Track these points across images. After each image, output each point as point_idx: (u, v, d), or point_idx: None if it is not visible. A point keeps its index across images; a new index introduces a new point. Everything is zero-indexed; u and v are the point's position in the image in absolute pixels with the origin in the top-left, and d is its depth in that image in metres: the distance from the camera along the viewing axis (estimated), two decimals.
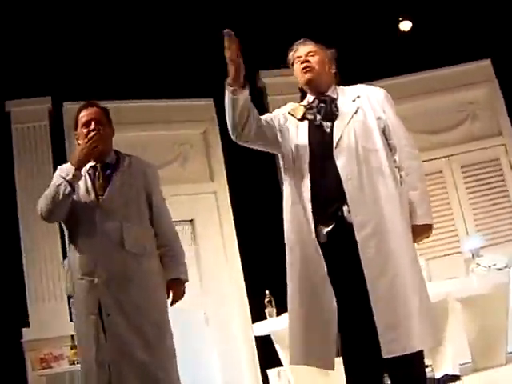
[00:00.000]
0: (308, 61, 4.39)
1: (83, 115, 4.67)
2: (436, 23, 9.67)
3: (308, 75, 4.39)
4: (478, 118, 10.23)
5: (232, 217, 9.28)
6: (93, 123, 4.61)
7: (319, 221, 4.02)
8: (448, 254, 9.54)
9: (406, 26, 9.71)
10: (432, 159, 10.01)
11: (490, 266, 7.87)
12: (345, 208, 4.03)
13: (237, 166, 9.27)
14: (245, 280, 9.01)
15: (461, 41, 9.78)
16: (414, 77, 10.11)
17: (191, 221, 9.34)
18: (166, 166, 9.08)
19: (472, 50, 9.90)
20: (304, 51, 4.43)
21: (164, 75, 9.02)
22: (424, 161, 9.67)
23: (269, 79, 9.77)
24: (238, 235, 9.19)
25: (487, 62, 10.15)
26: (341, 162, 4.09)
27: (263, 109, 9.56)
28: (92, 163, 4.68)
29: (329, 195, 4.05)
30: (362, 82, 4.73)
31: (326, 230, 4.03)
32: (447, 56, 9.90)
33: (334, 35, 8.97)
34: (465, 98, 10.20)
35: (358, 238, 3.95)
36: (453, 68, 10.13)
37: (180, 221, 8.85)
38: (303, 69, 4.39)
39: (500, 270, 7.73)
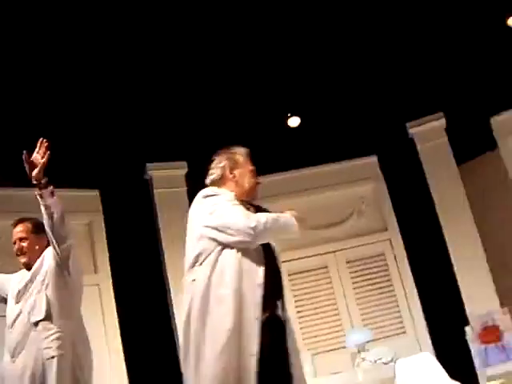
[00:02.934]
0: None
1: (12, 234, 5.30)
2: (324, 120, 10.01)
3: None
4: (364, 214, 10.53)
5: (115, 309, 9.15)
6: (17, 242, 5.24)
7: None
8: (333, 349, 9.64)
9: (294, 122, 9.99)
10: (318, 254, 10.26)
11: (375, 361, 8.02)
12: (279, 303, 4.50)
13: (121, 258, 9.22)
14: (128, 374, 8.84)
15: (348, 137, 10.18)
16: (302, 172, 10.46)
17: None
18: None
19: (359, 146, 10.27)
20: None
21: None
22: (310, 256, 10.12)
23: (156, 172, 9.85)
24: (120, 327, 9.07)
25: (374, 159, 10.52)
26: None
27: (150, 201, 9.77)
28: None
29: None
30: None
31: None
32: (335, 152, 10.26)
33: (223, 131, 9.28)
34: (352, 194, 10.50)
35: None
36: (341, 164, 10.45)
37: None
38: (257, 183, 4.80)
39: (385, 364, 7.89)
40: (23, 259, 5.24)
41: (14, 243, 5.24)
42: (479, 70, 9.81)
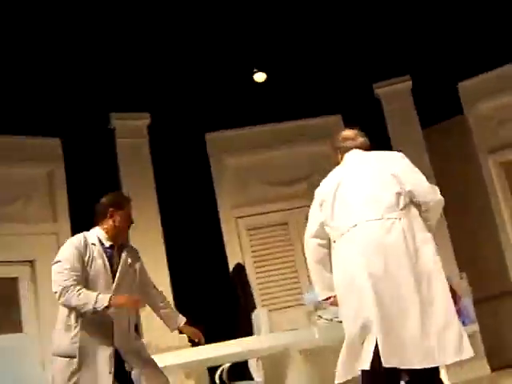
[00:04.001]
0: None
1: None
2: (291, 77, 10.05)
3: None
4: (327, 172, 10.53)
5: None
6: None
7: None
8: (290, 306, 9.75)
9: (260, 77, 9.98)
10: (278, 211, 10.27)
11: (331, 319, 8.07)
12: None
13: (81, 207, 9.23)
14: None
15: (314, 95, 10.21)
16: (266, 128, 10.50)
17: (31, 261, 9.14)
18: (7, 204, 8.91)
19: (324, 104, 10.31)
20: None
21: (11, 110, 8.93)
22: (270, 212, 10.15)
23: (119, 122, 9.93)
24: None
25: (338, 118, 10.59)
26: None
27: (112, 151, 9.78)
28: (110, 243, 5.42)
29: None
30: (217, 131, 4.92)
31: None
32: (301, 109, 10.29)
33: (188, 84, 9.22)
34: (315, 152, 10.54)
35: None
36: (306, 121, 10.56)
37: (20, 261, 8.73)
38: None
39: (341, 322, 7.92)
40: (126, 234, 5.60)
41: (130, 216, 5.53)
42: (448, 35, 9.93)
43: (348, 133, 5.21)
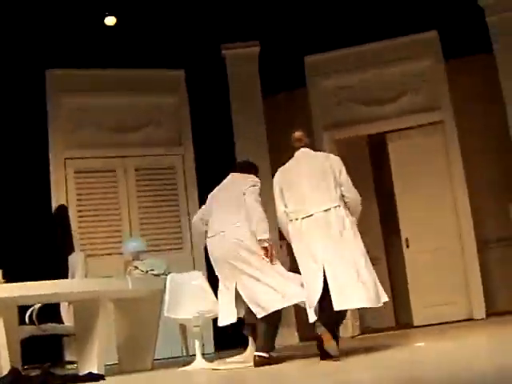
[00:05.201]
0: None
1: None
2: (141, 23, 9.95)
3: None
4: (162, 125, 10.58)
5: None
6: None
7: None
8: (109, 254, 9.76)
9: (110, 21, 9.83)
10: (108, 157, 10.25)
11: (147, 271, 8.13)
12: None
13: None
14: None
15: (161, 46, 10.15)
16: (109, 72, 10.51)
17: None
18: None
19: (169, 57, 10.32)
20: None
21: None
22: (99, 157, 10.08)
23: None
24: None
25: (181, 72, 10.56)
26: None
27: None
28: None
29: None
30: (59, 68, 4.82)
31: None
32: (146, 58, 10.26)
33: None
34: (153, 103, 10.60)
35: None
36: (149, 71, 10.64)
37: None
38: None
39: (156, 275, 8.03)
40: None
41: None
42: (302, 8, 10.09)
43: (299, 134, 7.05)
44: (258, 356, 6.70)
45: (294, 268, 8.40)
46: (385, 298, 6.47)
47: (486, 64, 10.37)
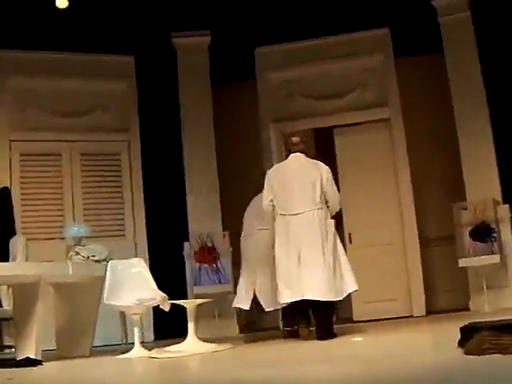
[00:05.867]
0: None
1: None
2: (93, 8, 9.88)
3: None
4: (110, 111, 10.59)
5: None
6: None
7: None
8: (50, 238, 9.73)
9: (62, 3, 9.71)
10: (53, 140, 10.23)
11: (88, 257, 8.14)
12: None
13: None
14: None
15: (111, 31, 10.13)
16: (58, 55, 10.48)
17: None
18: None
19: (119, 43, 10.30)
20: None
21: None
22: (45, 140, 10.04)
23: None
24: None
25: (131, 59, 10.56)
26: None
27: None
28: None
29: None
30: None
31: None
32: (97, 43, 10.27)
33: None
34: (101, 88, 10.68)
35: None
36: (97, 56, 10.66)
37: None
38: None
39: (98, 261, 8.05)
40: None
41: None
42: (253, 1, 10.12)
43: (296, 140, 7.95)
44: None
45: (237, 260, 8.58)
46: (349, 290, 7.61)
47: (435, 63, 10.52)
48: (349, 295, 8.13)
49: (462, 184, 10.10)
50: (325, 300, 7.37)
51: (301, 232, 7.54)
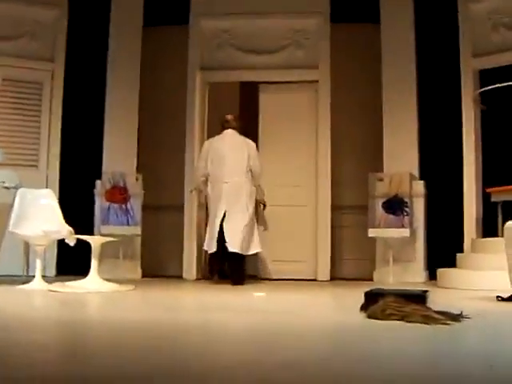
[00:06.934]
0: None
1: None
2: None
3: None
4: (37, 38, 10.43)
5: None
6: None
7: None
8: None
9: None
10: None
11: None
12: None
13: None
14: None
15: None
16: None
17: None
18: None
19: None
20: None
21: None
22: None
23: None
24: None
25: None
26: None
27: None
28: None
29: None
30: None
31: None
32: None
33: None
34: (26, 16, 10.45)
35: None
36: None
37: None
38: None
39: (7, 188, 7.97)
40: None
41: None
42: None
43: (229, 117, 9.55)
44: None
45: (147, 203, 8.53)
46: (253, 250, 9.44)
47: (371, 33, 10.60)
48: (256, 254, 9.75)
49: (380, 155, 10.29)
50: (240, 253, 9.14)
51: (230, 196, 9.28)
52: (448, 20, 10.13)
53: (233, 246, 9.08)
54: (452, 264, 9.27)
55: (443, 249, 9.77)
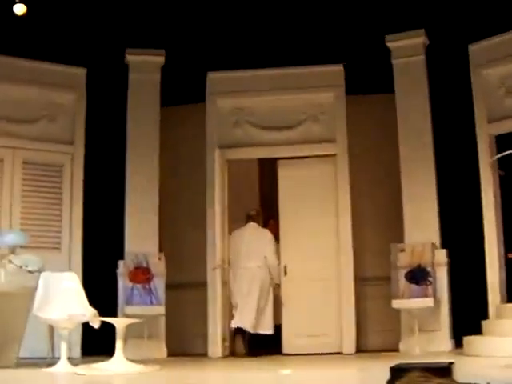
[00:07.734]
0: None
1: None
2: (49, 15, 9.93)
3: None
4: (56, 121, 10.65)
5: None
6: None
7: None
8: None
9: (19, 9, 9.71)
10: None
11: (21, 266, 8.12)
12: None
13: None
14: None
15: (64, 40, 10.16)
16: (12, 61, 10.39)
17: None
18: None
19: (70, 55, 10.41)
20: None
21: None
22: None
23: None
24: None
25: (83, 71, 10.70)
26: None
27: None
28: None
29: None
30: None
31: None
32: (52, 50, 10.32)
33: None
34: (51, 99, 10.68)
35: None
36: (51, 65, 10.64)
37: None
38: None
39: (30, 272, 8.03)
40: None
41: None
42: (210, 25, 10.39)
43: (253, 213, 10.86)
44: None
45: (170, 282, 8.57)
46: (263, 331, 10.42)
47: (386, 104, 10.75)
48: (279, 328, 10.43)
49: (401, 223, 10.34)
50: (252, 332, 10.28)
51: (244, 282, 10.47)
52: (462, 87, 10.25)
53: (243, 323, 10.26)
54: (478, 331, 9.23)
55: (468, 316, 9.69)
